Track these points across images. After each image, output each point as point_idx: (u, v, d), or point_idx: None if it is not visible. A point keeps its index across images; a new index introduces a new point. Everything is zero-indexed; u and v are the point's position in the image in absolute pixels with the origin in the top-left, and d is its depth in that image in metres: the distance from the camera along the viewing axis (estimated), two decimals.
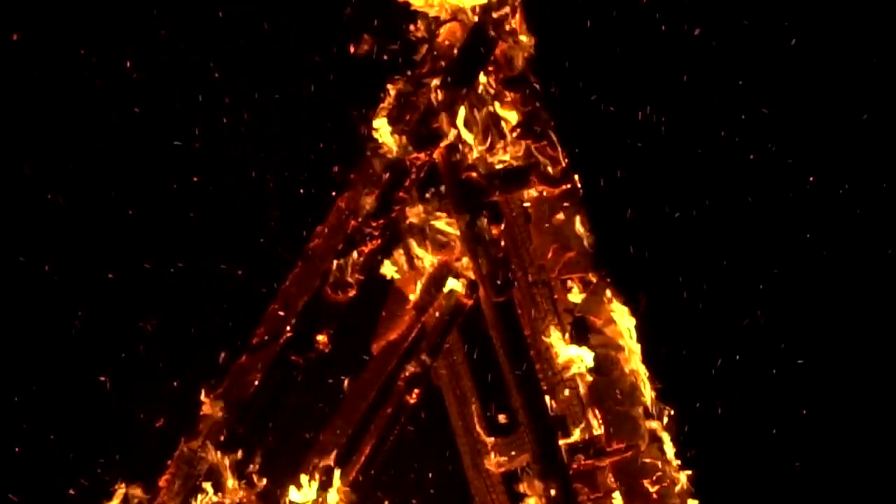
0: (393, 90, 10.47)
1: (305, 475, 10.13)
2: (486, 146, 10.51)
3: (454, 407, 10.79)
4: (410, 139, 10.21)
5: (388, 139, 10.25)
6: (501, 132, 10.57)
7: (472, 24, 10.52)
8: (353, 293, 10.09)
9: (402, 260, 10.56)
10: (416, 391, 10.30)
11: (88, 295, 14.28)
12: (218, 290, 13.58)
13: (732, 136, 15.47)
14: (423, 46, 10.58)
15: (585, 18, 13.66)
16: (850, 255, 16.11)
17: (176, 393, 12.03)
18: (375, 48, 10.50)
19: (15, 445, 13.90)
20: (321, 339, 10.04)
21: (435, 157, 10.30)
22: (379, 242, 10.14)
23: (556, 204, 10.45)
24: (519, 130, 10.49)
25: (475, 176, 10.29)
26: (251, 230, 13.72)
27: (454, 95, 10.31)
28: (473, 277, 10.30)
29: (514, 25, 10.58)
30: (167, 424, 10.43)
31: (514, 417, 10.33)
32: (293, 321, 10.12)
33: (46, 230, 14.40)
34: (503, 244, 10.30)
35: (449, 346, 10.64)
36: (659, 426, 10.21)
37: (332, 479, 10.12)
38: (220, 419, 9.99)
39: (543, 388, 10.20)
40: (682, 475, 10.25)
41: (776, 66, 15.69)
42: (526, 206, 10.57)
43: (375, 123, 10.35)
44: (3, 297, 14.44)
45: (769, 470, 15.85)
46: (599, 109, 14.06)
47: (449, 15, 10.57)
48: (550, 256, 10.40)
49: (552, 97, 10.66)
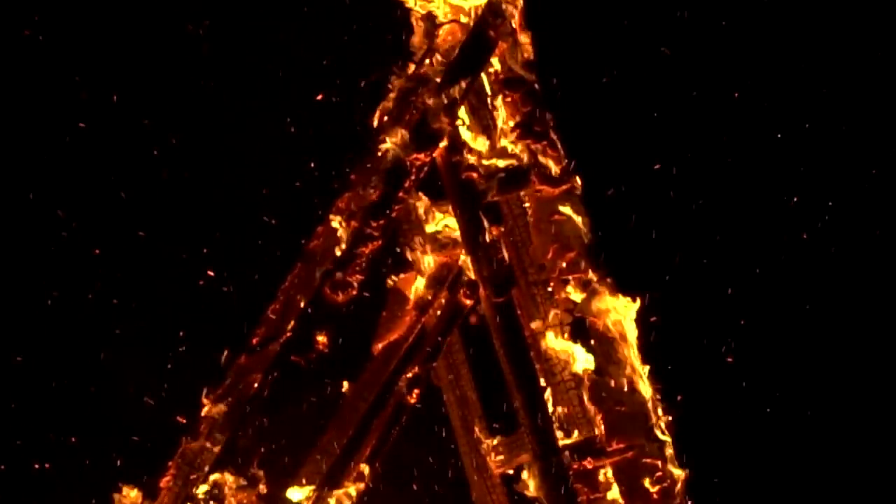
0: (393, 90, 10.47)
1: (306, 475, 10.14)
2: (486, 146, 10.52)
3: (454, 407, 10.80)
4: (410, 140, 10.21)
5: (388, 139, 10.25)
6: (501, 132, 10.57)
7: (471, 24, 10.53)
8: (353, 293, 10.09)
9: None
10: (416, 392, 10.31)
11: (88, 295, 14.29)
12: (218, 290, 13.59)
13: (733, 134, 15.49)
14: (422, 47, 10.59)
15: (585, 18, 13.67)
16: (849, 254, 16.12)
17: (176, 394, 12.05)
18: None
19: (16, 447, 13.91)
20: (321, 339, 10.05)
21: (435, 157, 10.30)
22: (379, 243, 10.14)
23: (556, 204, 10.44)
24: (519, 131, 10.48)
25: (475, 176, 10.29)
26: (251, 231, 13.73)
27: (454, 96, 10.31)
28: (473, 278, 10.30)
29: (513, 26, 10.58)
30: (168, 425, 10.42)
31: (514, 417, 10.33)
32: (293, 321, 10.12)
33: (45, 231, 14.41)
34: (503, 244, 10.30)
35: (449, 346, 10.65)
36: (659, 426, 10.21)
37: (332, 479, 10.15)
38: (220, 420, 9.99)
39: (543, 388, 10.20)
40: (681, 475, 10.24)
41: (775, 65, 15.70)
42: (526, 206, 10.56)
43: (375, 124, 10.37)
44: (2, 297, 14.45)
45: (769, 469, 15.86)
46: (599, 109, 14.07)
47: (449, 16, 10.57)
48: (550, 257, 10.39)
49: (552, 97, 10.66)
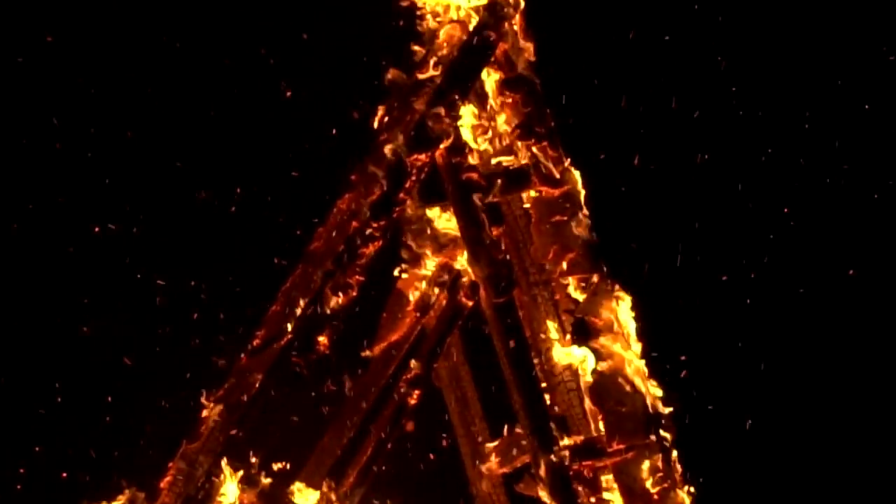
0: (394, 90, 10.46)
1: (307, 476, 10.15)
2: (486, 147, 10.51)
3: (455, 408, 10.80)
4: (411, 140, 10.20)
5: (388, 140, 10.24)
6: (502, 133, 10.56)
7: (472, 24, 10.52)
8: (353, 295, 10.08)
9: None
10: (416, 392, 10.31)
11: (86, 295, 14.29)
12: (218, 291, 13.59)
13: (733, 133, 15.49)
14: (423, 47, 10.58)
15: (586, 18, 13.67)
16: (848, 254, 16.13)
17: (177, 395, 12.04)
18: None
19: (16, 448, 13.91)
20: (322, 340, 10.04)
21: (435, 157, 10.29)
22: (380, 244, 10.13)
23: (556, 204, 10.44)
24: (519, 131, 10.47)
25: (476, 177, 10.28)
26: (251, 231, 13.74)
27: (455, 96, 10.30)
28: (474, 278, 10.30)
29: (514, 26, 10.57)
30: (168, 427, 10.42)
31: (514, 418, 10.33)
32: (294, 323, 10.11)
33: (43, 231, 14.41)
34: (504, 245, 10.30)
35: (449, 347, 10.65)
36: (660, 426, 10.20)
37: (332, 480, 10.15)
38: (221, 421, 9.98)
39: (544, 388, 10.19)
40: (683, 476, 10.24)
41: (774, 64, 15.70)
42: (527, 206, 10.56)
43: (376, 125, 10.37)
44: (3, 298, 14.45)
45: (770, 469, 15.86)
46: (601, 109, 14.07)
47: (449, 16, 10.56)
48: (551, 257, 10.38)
49: (553, 97, 10.65)
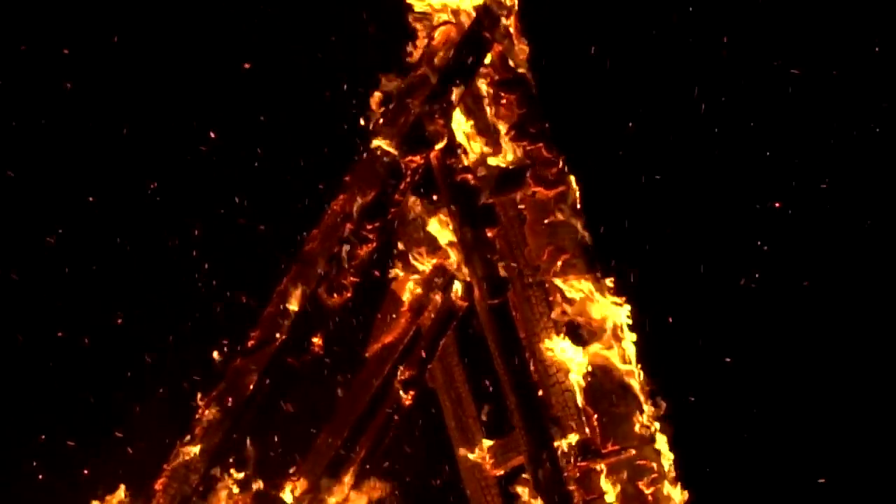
0: (388, 92, 10.46)
1: (301, 477, 10.15)
2: (481, 148, 10.51)
3: (449, 409, 10.80)
4: (405, 141, 10.20)
5: (382, 142, 10.24)
6: (497, 134, 10.57)
7: (467, 25, 10.52)
8: (348, 296, 10.08)
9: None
10: (411, 393, 10.31)
11: (83, 294, 14.29)
12: (213, 292, 13.59)
13: (728, 132, 15.49)
14: (418, 48, 10.58)
15: (580, 18, 13.67)
16: (847, 253, 16.12)
17: (171, 396, 12.04)
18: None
19: (12, 449, 13.91)
20: (316, 341, 10.04)
21: (430, 159, 10.29)
22: (374, 245, 10.13)
23: (551, 205, 10.44)
24: (514, 132, 10.48)
25: (470, 178, 10.28)
26: (247, 231, 13.73)
27: (449, 98, 10.30)
28: (468, 279, 10.30)
29: (509, 27, 10.57)
30: (163, 428, 10.42)
31: (509, 419, 10.33)
32: (288, 323, 10.10)
33: (40, 231, 14.41)
34: (498, 246, 10.30)
35: (444, 348, 10.65)
36: (654, 427, 10.21)
37: (327, 480, 10.15)
38: (215, 422, 9.98)
39: (538, 390, 10.19)
40: (677, 476, 10.25)
41: (772, 64, 15.71)
42: (521, 207, 10.56)
43: (370, 127, 10.36)
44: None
45: (764, 468, 15.86)
46: (595, 109, 14.07)
47: (444, 17, 10.56)
48: (545, 258, 10.39)
49: (547, 98, 10.65)
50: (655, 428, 10.22)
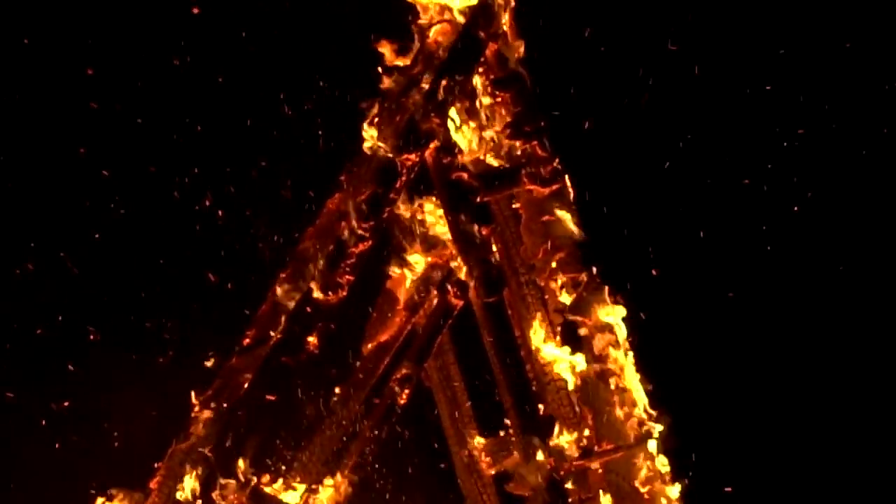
0: (384, 91, 10.47)
1: (297, 475, 10.15)
2: (476, 147, 10.52)
3: (445, 408, 10.79)
4: (401, 140, 10.20)
5: (378, 140, 10.24)
6: (492, 132, 10.57)
7: (462, 24, 10.52)
8: (343, 294, 10.09)
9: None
10: (406, 392, 10.30)
11: (81, 294, 14.30)
12: (209, 291, 13.58)
13: (725, 132, 15.49)
14: (413, 47, 10.58)
15: (576, 17, 13.66)
16: (846, 253, 16.13)
17: (167, 395, 12.03)
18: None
19: (9, 448, 13.93)
20: (311, 340, 10.04)
21: (425, 157, 10.30)
22: (369, 244, 10.14)
23: (546, 204, 10.44)
24: (509, 131, 10.48)
25: (465, 176, 10.29)
26: (243, 231, 13.72)
27: (444, 96, 10.31)
28: (464, 278, 10.30)
29: (504, 26, 10.57)
30: (158, 427, 10.43)
31: (504, 418, 10.34)
32: (283, 322, 10.11)
33: (41, 230, 14.43)
34: (494, 245, 10.30)
35: (440, 346, 10.64)
36: (649, 426, 10.20)
37: (322, 479, 10.15)
38: (210, 421, 9.99)
39: (533, 388, 10.19)
40: (671, 475, 10.24)
41: (772, 63, 15.71)
42: (516, 206, 10.56)
43: (366, 125, 10.37)
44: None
45: (759, 467, 15.86)
46: (590, 108, 14.05)
47: (439, 16, 10.56)
48: (541, 256, 10.39)
49: (543, 97, 10.66)
50: (650, 427, 10.20)
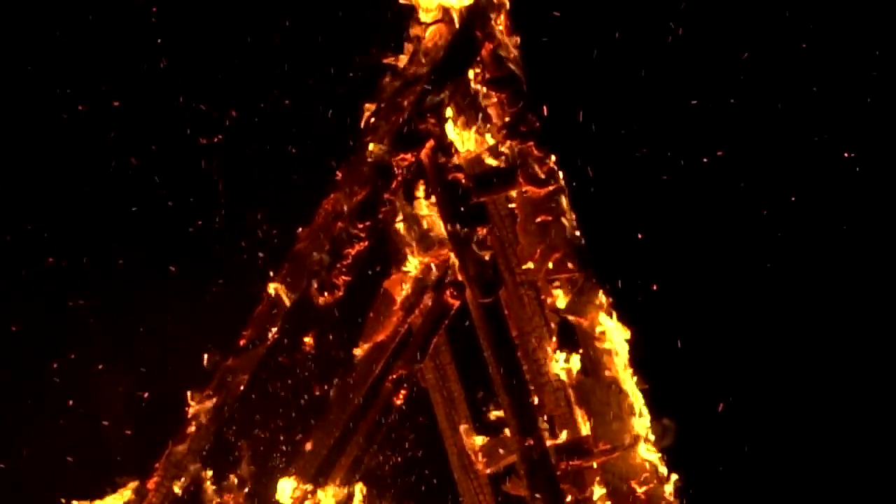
0: (380, 90, 10.47)
1: (293, 476, 10.15)
2: (472, 147, 10.51)
3: (441, 408, 10.78)
4: (396, 140, 10.19)
5: (374, 140, 10.24)
6: (488, 132, 10.56)
7: (458, 24, 10.51)
8: (340, 294, 10.09)
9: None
10: (402, 392, 10.30)
11: (78, 293, 14.31)
12: (205, 291, 13.60)
13: (722, 131, 15.49)
14: (409, 47, 10.58)
15: (572, 16, 13.65)
16: (846, 254, 16.11)
17: (164, 395, 12.04)
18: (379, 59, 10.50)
19: (5, 448, 13.94)
20: (308, 340, 10.05)
21: (421, 158, 10.29)
22: (365, 244, 10.13)
23: (542, 204, 10.42)
24: (505, 130, 10.46)
25: (461, 177, 10.27)
26: (239, 231, 13.73)
27: (440, 96, 10.30)
28: (460, 278, 10.29)
29: (500, 26, 10.56)
30: (155, 428, 10.43)
31: (500, 418, 10.33)
32: (280, 323, 10.12)
33: (39, 229, 14.44)
34: (490, 245, 10.29)
35: (436, 347, 10.64)
36: (646, 427, 10.20)
37: (319, 480, 10.15)
38: (207, 421, 10.00)
39: (530, 388, 10.18)
40: (669, 475, 10.24)
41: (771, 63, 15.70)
42: (512, 206, 10.55)
43: (362, 125, 10.37)
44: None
45: (757, 467, 15.85)
46: (587, 109, 14.06)
47: (435, 16, 10.56)
48: (537, 257, 10.38)
49: (539, 97, 10.64)
50: (647, 427, 10.20)
